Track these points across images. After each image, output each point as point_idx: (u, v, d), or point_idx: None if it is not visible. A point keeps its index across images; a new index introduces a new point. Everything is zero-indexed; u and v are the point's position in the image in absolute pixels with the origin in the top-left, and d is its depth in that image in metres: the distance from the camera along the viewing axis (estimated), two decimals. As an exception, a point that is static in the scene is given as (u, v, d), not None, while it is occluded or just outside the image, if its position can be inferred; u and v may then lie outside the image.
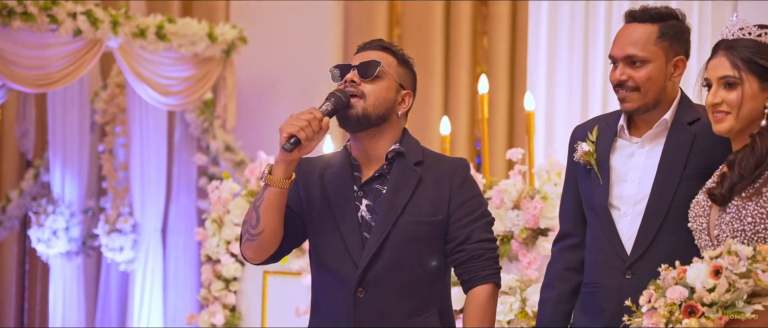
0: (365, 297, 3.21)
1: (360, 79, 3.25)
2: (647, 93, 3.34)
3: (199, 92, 7.86)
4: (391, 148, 3.29)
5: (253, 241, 3.23)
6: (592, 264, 3.46)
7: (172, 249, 8.28)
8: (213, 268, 5.92)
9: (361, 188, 3.28)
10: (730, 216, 3.02)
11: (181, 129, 8.32)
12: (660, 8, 3.38)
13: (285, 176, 3.18)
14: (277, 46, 8.39)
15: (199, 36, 7.66)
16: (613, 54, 3.39)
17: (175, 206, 8.32)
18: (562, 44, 6.35)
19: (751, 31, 3.08)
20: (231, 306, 5.88)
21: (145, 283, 8.09)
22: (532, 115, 5.35)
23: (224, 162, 8.10)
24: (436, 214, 3.26)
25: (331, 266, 3.26)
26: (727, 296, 2.84)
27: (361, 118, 3.23)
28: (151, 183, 8.16)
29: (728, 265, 2.85)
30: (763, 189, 2.99)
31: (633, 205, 3.37)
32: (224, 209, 5.89)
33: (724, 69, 3.07)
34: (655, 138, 3.39)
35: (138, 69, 7.48)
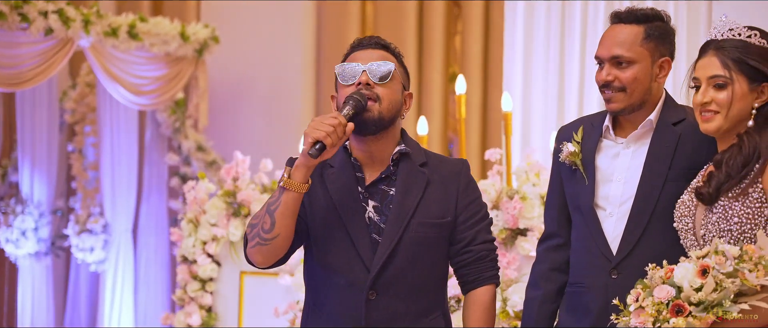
0: (377, 299, 3.20)
1: (374, 82, 3.21)
2: (633, 93, 3.36)
3: (171, 92, 7.81)
4: (396, 150, 3.27)
5: (265, 245, 3.18)
6: (577, 264, 3.48)
7: (143, 249, 8.23)
8: (189, 268, 5.89)
9: (367, 189, 3.26)
10: (716, 216, 3.05)
11: (152, 129, 8.27)
12: (646, 9, 3.41)
13: (304, 180, 3.14)
14: (249, 45, 8.37)
15: (171, 35, 7.62)
16: (599, 55, 3.41)
17: (145, 206, 8.26)
18: (538, 45, 6.39)
19: (740, 31, 3.12)
20: (207, 307, 5.86)
21: (116, 283, 8.03)
22: (509, 116, 5.38)
23: (196, 162, 8.06)
24: (445, 216, 3.27)
25: (339, 267, 3.23)
26: (714, 296, 2.87)
27: (377, 121, 3.21)
28: (121, 183, 8.10)
29: (715, 264, 2.88)
30: (749, 189, 3.02)
31: (618, 205, 3.40)
32: (200, 210, 5.86)
33: (714, 69, 3.10)
34: (640, 138, 3.42)
35: (110, 68, 7.42)
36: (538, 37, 6.39)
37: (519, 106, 6.36)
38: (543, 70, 6.38)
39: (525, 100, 6.41)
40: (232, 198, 5.77)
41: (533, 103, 6.39)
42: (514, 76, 6.44)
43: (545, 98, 6.37)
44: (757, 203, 3.01)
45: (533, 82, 6.40)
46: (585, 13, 6.25)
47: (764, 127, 3.07)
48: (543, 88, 6.37)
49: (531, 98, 6.39)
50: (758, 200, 3.01)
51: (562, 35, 6.34)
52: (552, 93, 6.35)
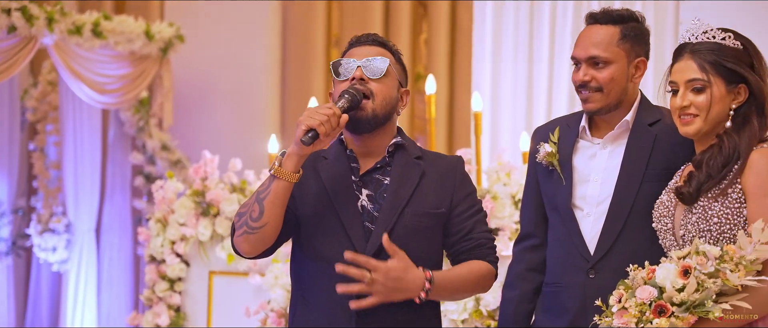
0: None
1: (368, 77, 3.21)
2: (610, 94, 3.39)
3: (135, 91, 7.76)
4: (392, 142, 3.27)
5: (253, 234, 3.16)
6: (554, 264, 3.49)
7: (107, 249, 8.17)
8: (157, 268, 5.86)
9: (361, 178, 3.25)
10: (696, 216, 3.07)
11: (115, 128, 8.21)
12: (621, 10, 3.44)
13: (295, 169, 3.12)
14: (214, 45, 8.33)
15: (136, 34, 7.57)
16: (576, 55, 3.44)
17: (109, 205, 8.20)
18: (506, 45, 6.41)
19: (715, 34, 3.14)
20: (176, 307, 5.83)
21: (79, 283, 7.97)
22: (479, 116, 5.40)
23: (160, 161, 8.01)
24: (440, 206, 3.26)
25: (331, 256, 3.18)
26: (696, 296, 2.89)
27: (371, 119, 3.21)
28: (84, 182, 8.04)
29: (697, 265, 2.91)
30: (729, 190, 3.05)
31: (596, 205, 3.42)
32: (168, 209, 5.83)
33: (691, 72, 3.12)
34: (616, 139, 3.44)
35: (73, 67, 7.36)
36: (507, 37, 6.42)
37: (487, 106, 6.38)
38: (512, 70, 6.41)
39: (493, 100, 6.44)
40: (201, 198, 5.75)
41: (502, 103, 6.42)
42: (482, 76, 6.46)
43: (514, 98, 6.40)
44: (736, 204, 3.04)
45: (502, 82, 6.42)
46: (554, 14, 6.29)
47: (742, 128, 3.10)
48: (511, 88, 6.40)
49: (499, 98, 6.43)
50: (737, 200, 3.04)
51: (531, 36, 6.38)
52: (521, 93, 6.39)
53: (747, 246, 2.93)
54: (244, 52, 8.28)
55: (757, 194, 3.01)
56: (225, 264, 5.70)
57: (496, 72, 6.43)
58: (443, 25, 7.63)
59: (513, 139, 6.17)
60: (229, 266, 5.64)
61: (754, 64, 3.14)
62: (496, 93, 6.44)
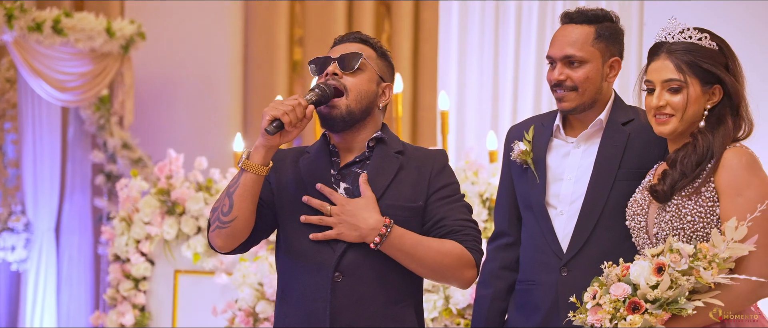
0: (343, 282, 3.15)
1: (341, 71, 3.21)
2: (585, 93, 3.42)
3: (96, 88, 7.70)
4: (373, 136, 3.26)
5: (224, 228, 3.16)
6: (527, 262, 3.51)
7: (66, 248, 8.10)
8: (121, 267, 5.82)
9: (340, 172, 3.24)
10: (669, 214, 3.10)
11: (75, 126, 8.14)
12: (596, 10, 3.47)
13: (263, 161, 3.11)
14: (176, 42, 8.28)
15: (96, 31, 7.50)
16: (551, 54, 3.46)
17: (69, 204, 8.13)
18: (472, 45, 6.43)
19: (691, 34, 3.16)
20: (140, 306, 5.79)
21: (38, 283, 7.90)
22: (446, 115, 5.42)
23: (121, 160, 7.95)
24: (416, 200, 3.22)
25: (307, 250, 3.18)
26: (670, 293, 2.92)
27: (345, 116, 3.20)
28: (43, 181, 7.97)
29: (671, 263, 2.94)
30: (702, 188, 3.07)
31: (569, 203, 3.44)
32: (133, 208, 5.79)
33: (668, 72, 3.15)
34: (590, 138, 3.47)
35: (34, 64, 7.29)
36: (472, 36, 6.44)
37: (453, 105, 6.40)
38: (477, 69, 6.43)
39: (459, 99, 6.45)
40: (166, 196, 5.72)
41: (467, 102, 6.44)
42: (448, 75, 6.48)
43: (479, 97, 6.42)
44: (709, 202, 3.06)
45: (467, 82, 6.44)
46: (519, 13, 6.32)
47: (716, 127, 3.13)
48: (477, 88, 6.42)
49: (465, 97, 6.44)
50: (710, 199, 3.06)
51: (496, 35, 6.40)
52: (486, 92, 6.41)
53: (720, 244, 2.96)
54: (205, 50, 8.24)
55: (729, 192, 3.04)
56: (190, 263, 5.67)
57: (461, 71, 6.45)
58: (407, 23, 7.64)
59: (479, 138, 6.19)
60: (194, 265, 5.62)
61: (728, 64, 3.17)
62: (461, 92, 6.46)
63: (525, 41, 6.31)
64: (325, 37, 7.86)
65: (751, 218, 2.98)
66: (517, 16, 6.32)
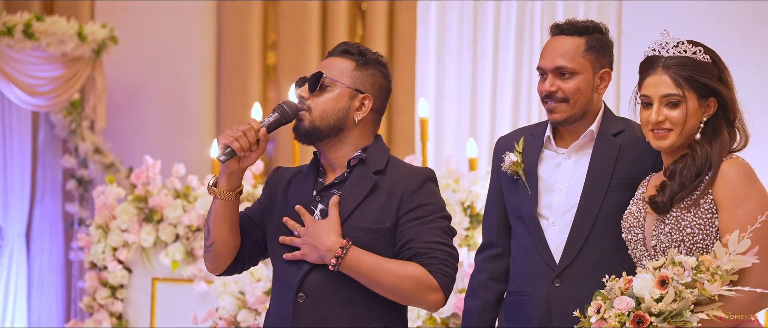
0: (306, 303, 3.14)
1: (308, 93, 3.20)
2: (575, 104, 3.43)
3: (67, 93, 7.63)
4: (354, 156, 3.22)
5: (208, 252, 3.23)
6: (519, 272, 3.52)
7: (37, 254, 8.02)
8: (98, 275, 5.77)
9: (319, 193, 3.23)
10: (669, 226, 3.11)
11: (45, 130, 8.06)
12: (586, 22, 3.49)
13: (228, 187, 3.13)
14: (147, 46, 8.22)
15: (68, 35, 7.43)
16: (542, 66, 3.47)
17: (39, 209, 8.05)
18: (450, 52, 6.43)
19: (686, 48, 3.18)
20: (118, 314, 5.74)
21: (9, 288, 7.82)
22: (425, 122, 5.41)
23: (93, 164, 7.89)
24: (384, 221, 3.14)
25: (281, 271, 3.22)
26: (674, 306, 2.93)
27: (309, 131, 3.19)
28: (14, 186, 7.88)
29: (674, 275, 2.94)
30: (701, 200, 3.09)
31: (561, 214, 3.46)
32: (110, 215, 5.74)
33: (666, 87, 3.16)
34: (581, 149, 3.48)
35: (4, 68, 7.21)
36: (450, 43, 6.44)
37: (432, 112, 6.40)
38: (455, 76, 6.43)
39: (437, 106, 6.45)
40: (144, 203, 5.67)
41: (446, 109, 6.44)
42: (426, 81, 6.48)
43: (458, 104, 6.42)
44: (708, 214, 3.08)
45: (446, 89, 6.44)
46: (497, 20, 6.33)
47: (713, 139, 3.15)
48: (456, 95, 6.43)
49: (443, 104, 6.44)
50: (709, 211, 3.08)
51: (474, 41, 6.41)
52: (465, 99, 6.41)
53: (723, 256, 2.97)
54: (178, 54, 8.19)
55: (728, 204, 3.06)
56: (169, 271, 5.63)
57: (439, 78, 6.45)
58: (381, 28, 7.62)
59: (458, 146, 6.19)
60: (172, 273, 5.58)
61: (722, 76, 3.19)
62: (440, 99, 6.46)
63: (503, 48, 6.32)
64: (299, 42, 7.84)
65: (752, 229, 2.99)
66: (495, 22, 6.33)
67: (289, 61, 7.91)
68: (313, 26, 7.84)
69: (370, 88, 3.24)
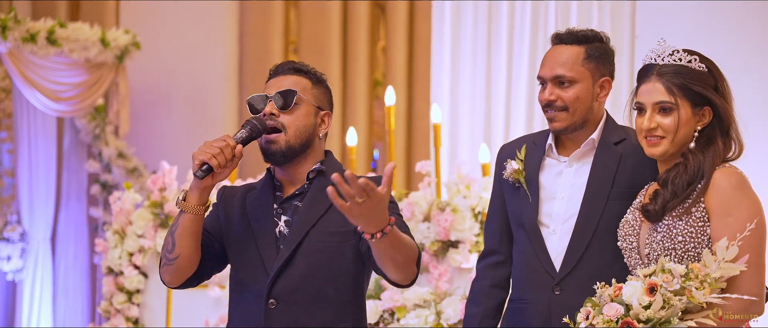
0: (277, 308, 3.18)
1: (279, 111, 3.23)
2: (575, 113, 3.42)
3: (91, 98, 7.71)
4: (313, 168, 3.28)
5: (169, 265, 3.21)
6: (520, 280, 3.52)
7: (62, 258, 8.11)
8: (115, 280, 5.82)
9: (281, 205, 3.27)
10: (661, 235, 3.11)
11: (70, 135, 8.15)
12: (586, 31, 3.48)
13: (199, 202, 3.14)
14: (170, 50, 8.29)
15: (91, 41, 7.51)
16: (542, 75, 3.47)
17: (64, 213, 8.14)
18: (465, 56, 6.43)
19: (681, 56, 3.17)
20: (134, 319, 5.79)
21: (34, 292, 7.90)
22: (438, 128, 5.40)
23: (117, 169, 7.96)
24: (347, 224, 3.15)
25: (247, 282, 3.24)
26: (662, 313, 2.93)
27: (285, 152, 3.22)
28: (39, 190, 7.97)
29: (663, 283, 2.94)
30: (693, 209, 3.08)
31: (562, 222, 3.45)
32: (126, 220, 5.78)
33: (659, 95, 3.15)
34: (582, 157, 3.48)
35: (27, 74, 7.30)
36: (465, 50, 6.43)
37: (446, 117, 6.39)
38: (470, 82, 6.43)
39: (452, 111, 6.45)
40: (160, 209, 5.71)
41: (460, 114, 6.44)
42: (441, 86, 6.48)
43: (472, 110, 6.42)
44: (699, 222, 3.07)
45: (460, 93, 6.44)
46: (511, 25, 6.31)
47: (707, 148, 3.15)
48: (470, 100, 6.42)
49: (458, 109, 6.44)
50: (701, 219, 3.07)
51: (489, 48, 6.40)
52: (479, 105, 6.40)
53: (712, 264, 2.97)
54: (200, 58, 8.25)
55: (720, 212, 3.05)
56: (184, 276, 5.65)
57: (454, 83, 6.45)
58: (401, 32, 7.64)
59: (472, 151, 6.18)
60: (188, 278, 5.60)
61: (718, 86, 3.18)
62: (454, 104, 6.45)
63: (517, 54, 6.31)
64: (321, 44, 7.87)
65: (741, 237, 2.99)
66: (509, 28, 6.31)
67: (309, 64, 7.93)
68: (335, 29, 7.86)
69: (327, 104, 3.35)
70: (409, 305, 4.88)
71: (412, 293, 4.89)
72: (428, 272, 5.05)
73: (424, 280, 5.08)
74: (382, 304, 4.93)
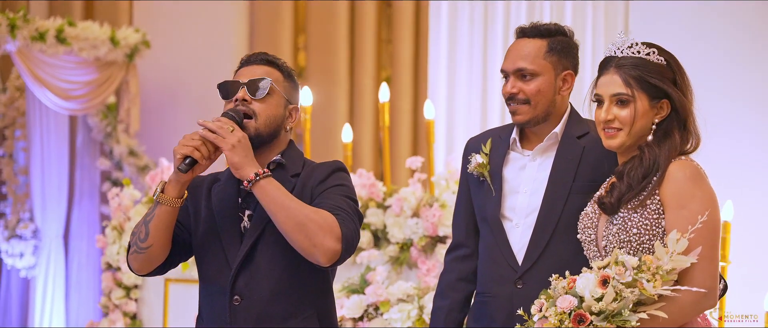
0: (241, 305, 3.22)
1: (251, 97, 3.25)
2: (537, 106, 3.43)
3: (101, 97, 7.77)
4: (272, 160, 3.30)
5: (140, 254, 3.25)
6: (484, 274, 3.53)
7: (75, 255, 8.17)
8: (113, 276, 5.87)
9: (244, 199, 3.29)
10: (616, 227, 3.11)
11: (83, 133, 8.21)
12: (549, 25, 3.50)
13: (177, 195, 3.19)
14: (182, 48, 8.34)
15: (100, 40, 7.57)
16: (505, 68, 3.48)
17: (77, 211, 8.20)
18: (461, 54, 6.44)
19: (640, 49, 3.17)
20: (132, 314, 5.84)
21: (47, 289, 7.97)
22: (431, 124, 5.42)
23: (128, 167, 8.01)
24: None
25: (212, 276, 3.29)
26: (614, 305, 2.93)
27: (253, 138, 3.23)
28: (52, 188, 8.04)
29: (615, 275, 2.95)
30: (648, 201, 3.08)
31: (524, 216, 3.46)
32: (125, 216, 5.84)
33: (616, 87, 3.16)
34: (545, 151, 3.48)
35: (37, 73, 7.36)
36: (462, 47, 6.44)
37: (443, 114, 6.40)
38: (466, 78, 6.44)
39: (449, 108, 6.46)
40: (157, 205, 5.75)
41: (457, 110, 6.45)
42: (438, 83, 6.49)
43: (469, 106, 6.42)
44: (654, 215, 3.07)
45: (457, 90, 6.45)
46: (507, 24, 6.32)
47: (663, 141, 3.15)
48: (466, 96, 6.43)
49: (455, 105, 6.45)
50: (656, 211, 3.08)
51: (485, 44, 6.40)
52: (475, 101, 6.41)
53: (664, 256, 2.97)
54: (210, 55, 8.29)
55: (674, 205, 3.05)
56: (180, 272, 5.70)
57: (451, 79, 6.46)
58: (407, 29, 7.65)
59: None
60: (184, 274, 5.65)
61: (676, 79, 3.18)
62: (451, 100, 6.46)
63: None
64: (328, 41, 7.90)
65: (693, 229, 2.99)
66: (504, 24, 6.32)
67: (318, 63, 7.98)
68: (342, 26, 7.89)
69: (296, 99, 3.38)
70: (393, 299, 4.90)
71: (397, 288, 4.90)
72: (417, 268, 5.06)
73: (412, 274, 5.09)
74: (366, 298, 4.95)
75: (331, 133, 7.61)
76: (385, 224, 5.14)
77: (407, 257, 5.06)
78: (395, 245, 5.10)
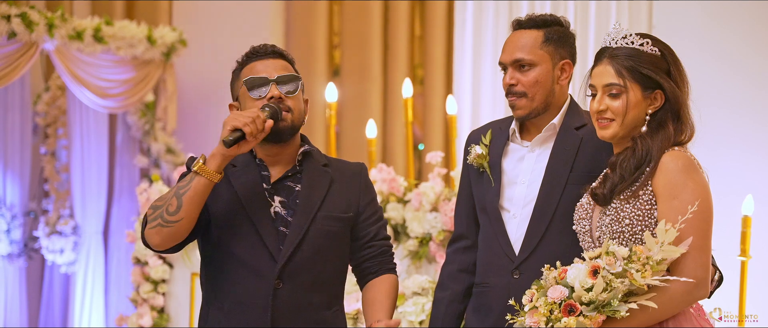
0: (282, 289, 3.28)
1: (285, 95, 3.33)
2: (535, 97, 3.44)
3: (138, 95, 7.86)
4: (302, 150, 3.40)
5: (166, 227, 3.20)
6: (482, 264, 3.55)
7: (114, 251, 8.27)
8: (142, 270, 5.95)
9: (273, 186, 3.36)
10: (609, 218, 3.11)
11: (122, 131, 8.31)
12: (545, 15, 3.52)
13: (218, 169, 3.19)
14: (219, 47, 8.41)
15: (137, 38, 7.66)
16: (502, 60, 3.50)
17: (116, 208, 8.30)
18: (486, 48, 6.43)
19: (633, 40, 3.17)
20: (159, 308, 5.91)
21: (86, 285, 8.08)
22: (454, 119, 5.43)
23: (165, 164, 8.10)
24: (348, 211, 3.40)
25: (246, 258, 3.30)
26: (604, 296, 2.93)
27: (290, 130, 3.35)
28: (91, 185, 8.15)
29: (605, 265, 2.95)
30: (640, 192, 3.08)
31: (522, 207, 3.46)
32: (152, 211, 5.90)
33: (609, 77, 3.15)
34: (544, 142, 3.49)
35: (75, 71, 7.47)
36: (487, 41, 6.44)
37: (468, 109, 6.41)
38: (491, 74, 6.43)
39: (474, 102, 6.46)
40: (184, 200, 5.81)
41: (482, 106, 6.45)
42: (463, 78, 6.50)
43: (493, 100, 6.42)
44: (646, 205, 3.07)
45: (483, 86, 6.45)
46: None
47: (656, 132, 3.14)
48: (491, 91, 6.42)
49: (480, 101, 6.45)
50: (648, 202, 3.07)
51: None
52: (500, 97, 6.40)
53: (654, 247, 2.95)
54: (247, 55, 8.35)
55: (665, 195, 3.04)
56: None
57: (476, 74, 6.46)
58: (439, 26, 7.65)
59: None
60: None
61: (670, 70, 3.16)
62: (476, 96, 6.46)
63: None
64: (362, 40, 7.93)
65: (683, 220, 2.98)
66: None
67: (351, 60, 8.01)
68: (375, 26, 7.91)
69: (306, 92, 3.47)
70: (408, 293, 4.91)
71: (412, 282, 4.92)
72: (436, 262, 5.07)
73: (431, 268, 5.10)
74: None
75: (365, 129, 7.65)
76: (404, 218, 5.16)
77: (426, 252, 5.08)
78: (414, 240, 5.12)
